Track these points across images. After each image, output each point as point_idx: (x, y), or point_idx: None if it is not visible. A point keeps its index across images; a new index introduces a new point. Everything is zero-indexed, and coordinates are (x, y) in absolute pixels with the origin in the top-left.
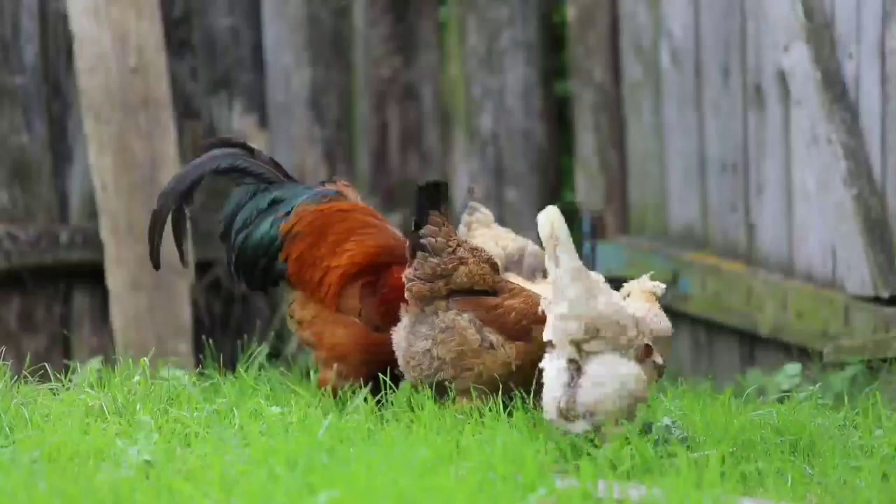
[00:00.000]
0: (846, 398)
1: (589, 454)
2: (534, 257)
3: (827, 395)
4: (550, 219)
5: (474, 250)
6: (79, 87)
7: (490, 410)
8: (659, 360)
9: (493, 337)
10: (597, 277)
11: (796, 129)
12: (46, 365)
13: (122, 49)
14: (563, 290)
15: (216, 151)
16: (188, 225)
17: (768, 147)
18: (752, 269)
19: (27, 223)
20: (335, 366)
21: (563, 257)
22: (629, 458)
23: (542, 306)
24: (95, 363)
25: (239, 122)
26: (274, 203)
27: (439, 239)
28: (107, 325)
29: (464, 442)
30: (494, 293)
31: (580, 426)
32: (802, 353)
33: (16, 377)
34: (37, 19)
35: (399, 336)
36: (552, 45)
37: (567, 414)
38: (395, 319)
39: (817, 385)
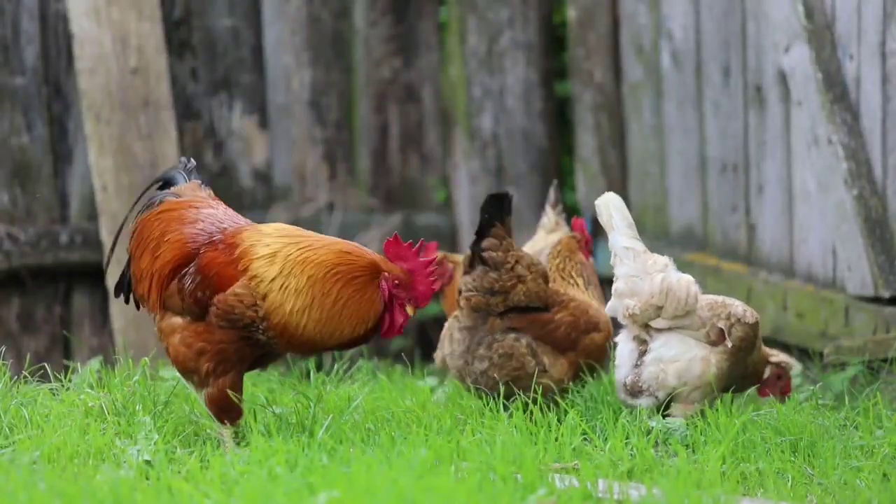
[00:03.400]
0: (846, 398)
1: (589, 454)
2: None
3: (827, 396)
4: (607, 203)
5: (531, 266)
6: (79, 88)
7: (490, 411)
8: (729, 343)
9: (547, 359)
10: (661, 259)
11: (797, 130)
12: (46, 365)
13: (122, 50)
14: (617, 270)
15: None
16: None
17: (769, 147)
18: (752, 269)
19: (27, 224)
20: (193, 378)
21: (616, 240)
22: (629, 458)
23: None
24: (95, 363)
25: (239, 122)
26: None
27: (499, 253)
28: (107, 326)
29: (464, 442)
30: (546, 307)
31: (643, 401)
32: (803, 354)
33: (16, 377)
34: (37, 20)
35: (453, 351)
36: (552, 45)
37: (632, 390)
38: (206, 302)
39: (818, 385)
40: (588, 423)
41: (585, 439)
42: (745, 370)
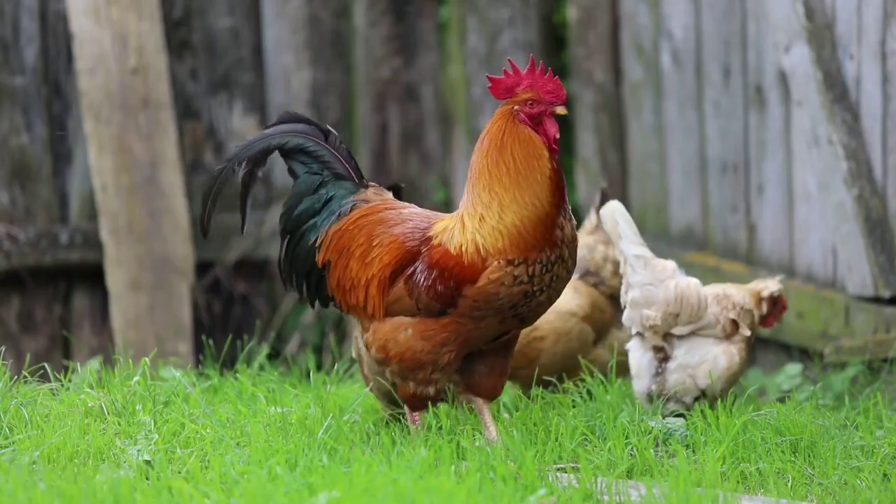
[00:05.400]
0: (847, 398)
1: (588, 454)
2: None
3: (827, 396)
4: (612, 212)
5: None
6: (79, 88)
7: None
8: (746, 332)
9: None
10: (667, 264)
11: (797, 130)
12: (46, 365)
13: (122, 50)
14: (630, 279)
15: (287, 126)
16: (249, 194)
17: (769, 147)
18: (752, 269)
19: (27, 223)
20: (419, 374)
21: (626, 248)
22: (629, 458)
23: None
24: (95, 363)
25: (239, 122)
26: (327, 204)
27: None
28: (107, 326)
29: (464, 442)
30: None
31: (670, 406)
32: (803, 354)
33: (16, 377)
34: (37, 20)
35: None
36: (553, 45)
37: (657, 398)
38: (452, 295)
39: (818, 385)
40: (587, 423)
41: (585, 439)
42: (753, 352)
